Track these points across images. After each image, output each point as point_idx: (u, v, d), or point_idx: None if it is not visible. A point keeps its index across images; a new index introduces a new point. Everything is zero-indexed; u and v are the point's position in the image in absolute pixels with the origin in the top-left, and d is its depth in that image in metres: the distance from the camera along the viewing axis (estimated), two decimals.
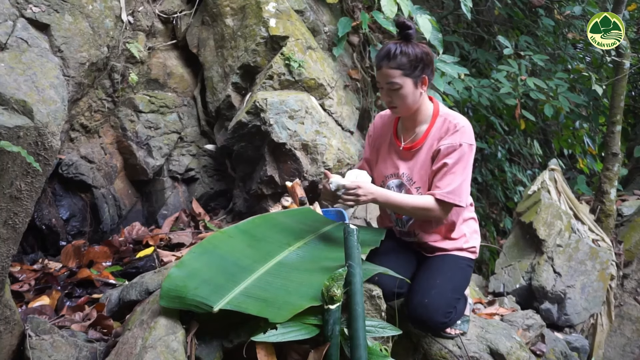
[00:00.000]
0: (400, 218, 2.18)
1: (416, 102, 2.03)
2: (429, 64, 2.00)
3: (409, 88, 1.98)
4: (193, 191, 3.38)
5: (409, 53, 1.95)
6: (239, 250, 1.88)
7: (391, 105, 2.05)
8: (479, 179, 5.10)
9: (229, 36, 3.21)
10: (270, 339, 1.52)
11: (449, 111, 2.10)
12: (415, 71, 1.97)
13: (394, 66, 1.95)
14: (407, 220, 2.16)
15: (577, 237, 3.44)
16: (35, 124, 1.68)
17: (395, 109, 2.06)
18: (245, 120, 2.96)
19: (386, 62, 1.97)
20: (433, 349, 2.15)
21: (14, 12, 2.43)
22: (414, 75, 1.97)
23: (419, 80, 1.99)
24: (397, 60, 1.95)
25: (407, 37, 2.00)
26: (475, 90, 3.98)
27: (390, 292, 1.98)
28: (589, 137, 5.66)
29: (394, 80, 1.97)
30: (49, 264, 2.59)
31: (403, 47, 1.96)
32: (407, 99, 2.00)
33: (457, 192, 1.97)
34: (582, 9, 4.59)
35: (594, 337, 3.38)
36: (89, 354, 1.71)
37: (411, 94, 1.99)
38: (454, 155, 1.97)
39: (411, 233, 2.18)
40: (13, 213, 1.61)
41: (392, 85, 1.98)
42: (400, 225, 2.19)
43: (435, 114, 2.08)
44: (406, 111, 2.06)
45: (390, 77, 1.97)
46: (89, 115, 3.05)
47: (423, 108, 2.08)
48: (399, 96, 2.00)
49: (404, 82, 1.97)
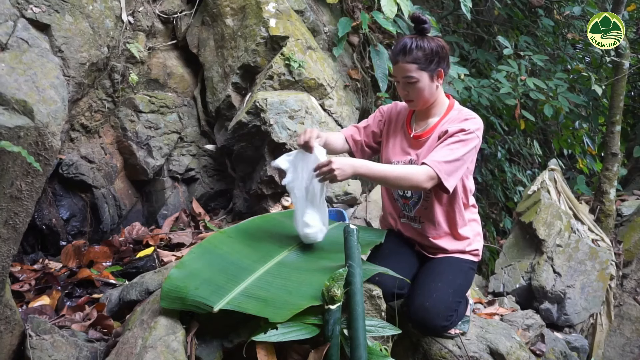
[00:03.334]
0: (408, 203, 2.17)
1: (433, 95, 2.06)
2: (444, 57, 2.02)
3: (425, 82, 2.00)
4: (193, 191, 3.38)
5: (425, 47, 1.97)
6: (239, 250, 1.88)
7: (408, 98, 2.07)
8: (479, 179, 5.10)
9: (229, 36, 3.22)
10: (271, 339, 1.52)
11: (463, 108, 2.13)
12: (431, 65, 1.99)
13: (410, 60, 1.97)
14: (413, 205, 2.15)
15: (576, 237, 3.44)
16: (35, 124, 1.68)
17: (412, 102, 2.08)
18: (245, 120, 2.97)
19: (402, 57, 1.99)
20: (433, 349, 2.15)
21: (14, 13, 2.43)
22: (430, 68, 1.99)
23: (435, 73, 2.01)
24: (413, 55, 1.97)
25: (422, 31, 2.02)
26: (475, 90, 3.99)
27: (391, 292, 1.98)
28: (589, 137, 5.67)
29: (410, 74, 1.98)
30: (49, 263, 2.59)
31: (419, 42, 1.98)
32: (423, 92, 2.02)
33: (446, 168, 1.91)
34: (582, 9, 4.58)
35: (593, 337, 3.39)
36: (89, 354, 1.71)
37: (427, 87, 2.02)
38: (458, 135, 1.96)
39: (417, 218, 2.17)
40: (13, 213, 1.61)
41: (409, 79, 2.00)
42: (408, 210, 2.18)
43: (449, 108, 2.10)
44: (423, 104, 2.08)
45: (407, 71, 1.99)
46: (89, 115, 3.05)
47: (439, 101, 2.10)
48: (416, 90, 2.02)
49: (420, 76, 1.99)
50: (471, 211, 2.21)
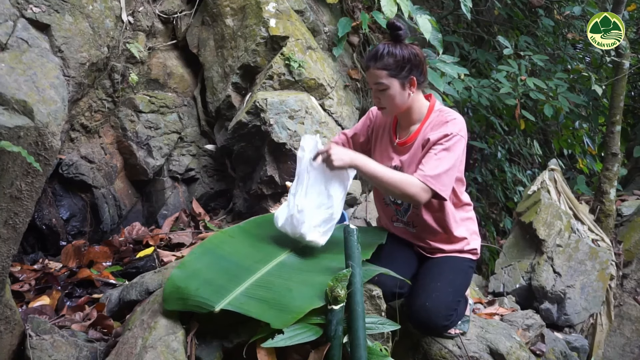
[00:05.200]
0: (399, 209, 2.16)
1: (404, 103, 2.02)
2: (417, 65, 1.98)
3: (395, 89, 1.97)
4: (193, 191, 3.38)
5: (396, 54, 1.95)
6: (240, 250, 1.88)
7: (380, 106, 2.05)
8: (479, 179, 5.10)
9: (229, 36, 3.22)
10: (279, 344, 1.51)
11: (443, 107, 2.09)
12: (402, 72, 1.96)
13: (380, 67, 1.95)
14: (405, 211, 2.15)
15: (576, 237, 3.44)
16: (35, 124, 1.68)
17: (384, 110, 2.06)
18: (245, 120, 2.97)
19: (373, 63, 1.97)
20: (433, 349, 2.15)
21: (14, 13, 2.43)
22: (401, 76, 1.96)
23: (407, 81, 1.98)
24: (383, 61, 1.95)
25: (396, 38, 1.99)
26: (475, 91, 3.99)
27: (391, 292, 1.98)
28: (589, 137, 5.67)
29: (380, 80, 1.96)
30: (49, 264, 2.59)
31: (390, 48, 1.96)
32: (394, 100, 1.99)
33: (439, 179, 1.90)
34: (582, 9, 4.58)
35: (593, 337, 3.39)
36: (89, 354, 1.71)
37: (398, 94, 1.98)
38: (443, 142, 1.94)
39: (410, 224, 2.17)
40: (13, 213, 1.62)
41: (379, 86, 1.98)
42: (400, 215, 2.18)
43: (429, 111, 2.07)
44: (394, 112, 2.06)
45: (377, 77, 1.97)
46: (89, 115, 3.05)
47: (416, 107, 2.06)
48: (387, 97, 1.99)
49: (390, 83, 1.96)
50: (465, 210, 2.19)
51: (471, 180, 5.00)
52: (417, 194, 1.90)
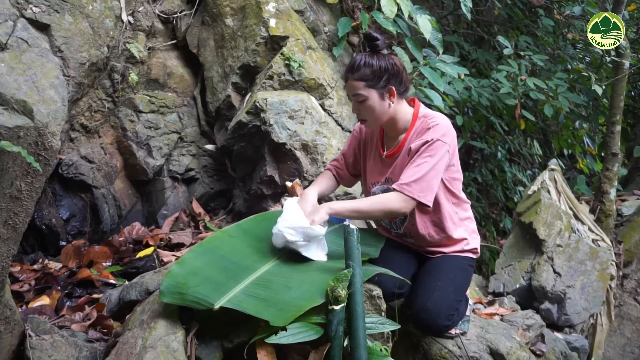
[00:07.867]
0: (394, 221, 2.16)
1: (385, 114, 2.00)
2: (395, 74, 1.96)
3: (374, 99, 1.95)
4: (193, 191, 3.38)
5: (373, 64, 1.93)
6: (240, 249, 1.88)
7: (361, 117, 2.04)
8: (479, 179, 5.10)
9: (229, 36, 3.22)
10: (281, 341, 1.51)
11: (428, 112, 2.06)
12: (380, 82, 1.94)
13: (357, 78, 1.94)
14: (401, 222, 2.14)
15: (577, 237, 3.44)
16: (35, 124, 1.68)
17: (365, 122, 2.04)
18: (245, 120, 2.96)
19: (350, 74, 1.96)
20: (433, 349, 2.15)
21: (14, 12, 2.43)
22: (379, 86, 1.94)
23: (385, 91, 1.96)
24: (360, 72, 1.93)
25: (373, 48, 1.98)
26: (475, 90, 3.99)
27: (391, 292, 1.98)
28: (589, 137, 5.66)
29: (358, 91, 1.95)
30: (49, 264, 2.59)
31: (367, 59, 1.94)
32: (374, 111, 1.98)
33: (416, 185, 1.89)
34: (582, 9, 4.58)
35: (593, 337, 3.38)
36: (89, 354, 1.71)
37: (378, 105, 1.97)
38: (423, 150, 1.93)
39: (407, 234, 2.17)
40: (13, 213, 1.62)
41: (358, 97, 1.96)
42: (396, 228, 2.18)
43: (414, 118, 2.05)
44: (377, 123, 2.04)
45: (355, 89, 1.95)
46: (89, 115, 3.05)
47: (400, 117, 2.04)
48: (366, 108, 1.97)
49: (369, 94, 1.94)
50: (463, 208, 2.18)
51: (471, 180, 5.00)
52: (399, 207, 1.90)
